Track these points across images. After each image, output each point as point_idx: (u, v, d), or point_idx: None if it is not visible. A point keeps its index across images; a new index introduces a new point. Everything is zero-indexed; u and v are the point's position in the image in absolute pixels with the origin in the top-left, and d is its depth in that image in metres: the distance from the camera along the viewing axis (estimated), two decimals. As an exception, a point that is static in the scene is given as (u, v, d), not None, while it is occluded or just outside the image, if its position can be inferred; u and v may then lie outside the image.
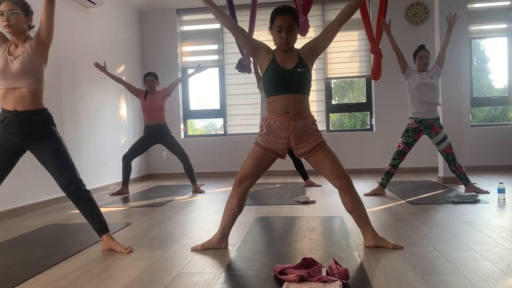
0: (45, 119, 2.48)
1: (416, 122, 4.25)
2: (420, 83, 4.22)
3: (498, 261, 2.09)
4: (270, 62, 2.42)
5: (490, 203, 3.62)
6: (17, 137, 2.43)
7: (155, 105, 5.00)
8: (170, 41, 6.93)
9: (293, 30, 2.38)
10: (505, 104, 6.47)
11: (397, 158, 4.29)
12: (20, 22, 2.42)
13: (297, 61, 2.40)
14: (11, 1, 2.40)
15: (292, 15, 2.38)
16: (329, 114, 6.79)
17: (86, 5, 5.16)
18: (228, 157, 6.77)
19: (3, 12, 2.38)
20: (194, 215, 3.59)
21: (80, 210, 2.54)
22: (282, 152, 2.47)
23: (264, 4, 6.49)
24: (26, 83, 2.40)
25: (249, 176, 2.45)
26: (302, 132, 2.39)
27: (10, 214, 3.81)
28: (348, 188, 2.40)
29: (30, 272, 2.18)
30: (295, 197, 4.20)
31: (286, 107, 2.38)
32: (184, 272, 2.11)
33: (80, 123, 5.05)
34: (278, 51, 2.44)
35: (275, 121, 2.41)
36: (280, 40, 2.38)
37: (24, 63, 2.39)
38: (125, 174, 5.05)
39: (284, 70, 2.38)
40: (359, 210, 2.43)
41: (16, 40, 2.45)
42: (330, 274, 1.88)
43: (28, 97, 2.40)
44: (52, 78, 4.45)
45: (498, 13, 6.32)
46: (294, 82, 2.39)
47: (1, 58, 2.41)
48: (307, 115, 2.43)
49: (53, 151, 2.47)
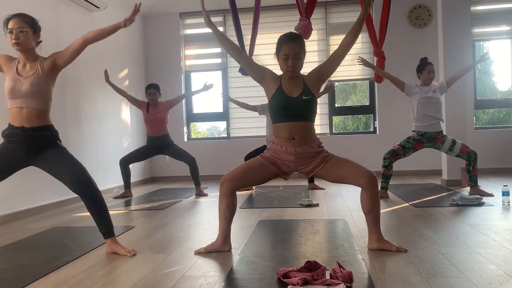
0: (51, 135, 2.51)
1: (418, 135, 4.25)
2: (423, 97, 4.20)
3: (503, 264, 2.08)
4: (277, 89, 2.47)
5: (495, 206, 3.61)
6: (21, 152, 2.45)
7: (157, 118, 4.98)
8: (173, 44, 6.95)
9: (300, 57, 2.42)
10: (509, 106, 6.45)
11: (388, 158, 4.27)
12: (28, 39, 2.43)
13: (302, 89, 2.44)
14: (19, 18, 2.41)
15: (298, 43, 2.42)
16: (332, 117, 6.78)
17: (89, 9, 5.19)
18: (231, 160, 6.76)
19: (12, 30, 2.39)
20: (198, 218, 3.59)
21: (90, 210, 2.52)
22: (285, 170, 2.49)
23: (268, 8, 6.51)
24: (34, 104, 2.42)
25: (234, 178, 2.44)
26: (307, 156, 2.43)
27: (13, 217, 3.82)
28: (373, 186, 2.37)
29: (33, 275, 2.18)
30: (298, 200, 4.20)
31: (292, 133, 2.42)
32: (188, 275, 2.11)
33: (83, 126, 5.06)
34: (285, 78, 2.49)
35: (281, 146, 2.44)
36: (287, 67, 2.42)
37: (34, 85, 2.41)
38: (125, 178, 5.06)
39: (290, 98, 2.42)
40: (377, 212, 2.41)
41: (24, 58, 2.46)
42: (334, 277, 1.87)
43: (35, 116, 2.43)
44: (56, 82, 4.44)
45: (502, 15, 6.30)
46: (300, 110, 2.43)
47: (10, 78, 2.42)
48: (313, 140, 2.46)
49: (59, 155, 2.49)
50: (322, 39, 6.67)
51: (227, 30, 6.88)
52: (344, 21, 6.69)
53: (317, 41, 6.65)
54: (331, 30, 6.69)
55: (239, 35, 4.89)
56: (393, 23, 4.31)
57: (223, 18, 6.94)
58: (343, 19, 6.70)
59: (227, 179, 2.44)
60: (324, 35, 6.66)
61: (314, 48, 6.64)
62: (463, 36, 5.10)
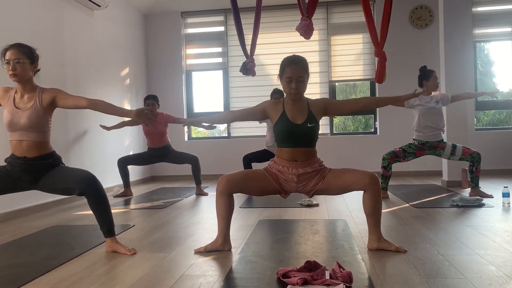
0: (53, 161, 2.53)
1: (419, 144, 4.26)
2: (424, 108, 4.19)
3: (503, 266, 2.08)
4: (280, 115, 2.48)
5: (495, 207, 3.60)
6: (25, 177, 2.47)
7: (157, 131, 4.99)
8: (175, 43, 6.95)
9: (303, 80, 2.42)
10: (510, 108, 6.44)
11: (387, 159, 4.28)
12: (26, 70, 2.41)
13: (307, 116, 2.45)
14: (17, 49, 2.39)
15: (301, 66, 2.42)
16: (332, 117, 6.78)
17: (91, 7, 5.20)
18: (231, 159, 6.76)
19: (9, 61, 2.37)
20: (198, 217, 3.60)
21: (93, 208, 2.52)
22: (287, 189, 2.51)
23: (269, 7, 6.51)
24: (33, 137, 2.43)
25: (233, 180, 2.43)
26: (309, 176, 2.45)
27: (14, 216, 3.83)
28: (376, 187, 2.37)
29: (33, 273, 2.18)
30: (298, 200, 4.19)
31: (294, 157, 2.45)
32: (187, 274, 2.11)
33: (84, 125, 5.06)
34: (288, 101, 2.50)
35: (283, 167, 2.46)
36: (290, 90, 2.42)
37: (31, 118, 2.41)
38: (124, 177, 5.06)
39: (294, 124, 2.44)
40: (378, 214, 2.42)
41: (21, 88, 2.45)
42: (334, 277, 1.87)
43: (35, 148, 2.45)
44: (57, 80, 4.47)
45: (503, 16, 6.30)
46: (304, 137, 2.45)
47: (8, 111, 2.43)
48: (315, 161, 2.48)
49: (60, 170, 2.52)
50: (323, 39, 6.67)
51: (228, 29, 6.88)
52: (346, 21, 6.69)
53: (318, 41, 6.65)
54: (332, 30, 6.69)
55: (240, 34, 4.88)
56: (395, 24, 4.30)
57: (224, 18, 6.94)
58: (344, 19, 6.70)
59: (225, 179, 2.44)
60: (325, 35, 6.66)
61: (315, 48, 6.63)
62: (464, 37, 5.10)
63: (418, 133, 4.26)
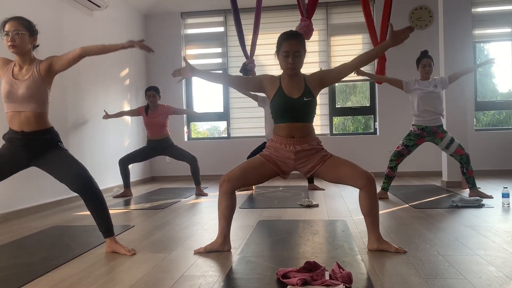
0: (51, 137, 2.51)
1: (419, 129, 4.23)
2: (423, 92, 4.18)
3: (503, 266, 2.08)
4: (277, 90, 2.46)
5: (495, 208, 3.61)
6: (23, 153, 2.46)
7: (157, 122, 5.02)
8: (174, 44, 6.96)
9: (300, 55, 2.41)
10: (509, 108, 6.44)
11: (394, 160, 4.28)
12: (25, 42, 2.42)
13: (303, 90, 2.43)
14: (16, 21, 2.41)
15: (298, 41, 2.41)
16: (332, 118, 6.78)
17: (91, 8, 5.20)
18: (231, 160, 6.74)
19: (8, 32, 2.39)
20: (197, 218, 3.59)
21: (90, 209, 2.52)
22: (284, 169, 2.49)
23: (269, 8, 6.52)
24: (31, 107, 2.42)
25: (233, 177, 2.44)
26: (306, 153, 2.43)
27: (13, 216, 3.83)
28: (372, 188, 2.37)
29: (33, 273, 2.18)
30: (298, 201, 4.20)
31: (291, 133, 2.43)
32: (187, 274, 2.11)
33: (84, 125, 5.06)
34: (285, 77, 2.48)
35: (281, 144, 2.44)
36: (287, 65, 2.40)
37: (30, 88, 2.41)
38: (124, 177, 5.06)
39: (291, 99, 2.42)
40: (375, 214, 2.42)
41: (20, 61, 2.46)
42: (333, 278, 1.87)
43: (34, 120, 2.43)
44: (57, 81, 4.44)
45: (503, 17, 6.31)
46: (300, 112, 2.43)
47: (6, 81, 2.43)
48: (312, 139, 2.47)
49: (59, 156, 2.50)
50: (323, 40, 6.67)
51: (228, 30, 6.88)
52: (345, 22, 6.69)
53: (318, 41, 6.65)
54: (332, 31, 6.69)
55: (240, 35, 4.90)
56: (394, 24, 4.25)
57: (224, 18, 6.95)
58: (344, 19, 6.70)
59: (226, 179, 2.44)
60: (325, 35, 6.66)
61: (315, 48, 6.63)
62: (464, 38, 5.10)
63: (417, 118, 4.25)
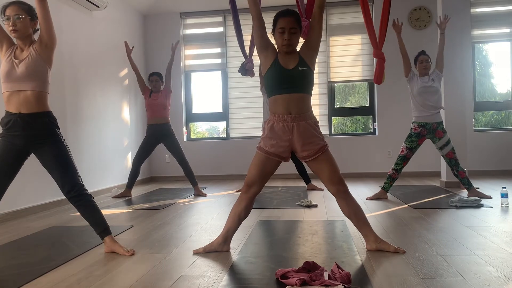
0: (49, 121, 2.49)
1: (419, 127, 4.25)
2: (422, 86, 4.25)
3: (502, 266, 2.08)
4: (273, 62, 2.43)
5: (493, 208, 3.61)
6: (21, 140, 2.43)
7: (159, 103, 5.03)
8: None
9: (295, 32, 2.39)
10: (508, 108, 6.46)
11: (400, 163, 4.29)
12: (26, 26, 2.44)
13: (298, 61, 2.41)
14: (16, 5, 2.42)
15: (294, 18, 2.39)
16: (331, 118, 6.78)
17: (90, 8, 5.19)
18: (230, 160, 6.78)
19: (9, 17, 2.40)
20: (196, 218, 3.59)
21: (82, 213, 2.56)
22: (286, 154, 2.46)
23: (267, 8, 6.51)
24: (31, 86, 2.41)
25: (256, 180, 2.45)
26: (305, 134, 2.39)
27: (12, 216, 3.82)
28: (344, 194, 2.41)
29: (32, 274, 2.18)
30: (297, 201, 4.20)
31: (288, 107, 2.38)
32: (186, 275, 2.11)
33: (83, 125, 5.06)
34: (281, 53, 2.46)
35: (278, 122, 2.40)
36: (283, 41, 2.38)
37: (29, 66, 2.40)
38: (132, 177, 5.05)
39: (286, 69, 2.40)
40: (357, 215, 2.43)
41: (22, 44, 2.47)
42: (332, 278, 1.87)
43: (33, 100, 2.42)
44: (56, 80, 4.46)
45: (501, 17, 6.32)
46: (296, 81, 2.39)
47: (7, 61, 2.43)
48: (310, 116, 2.43)
49: (56, 155, 2.48)
50: (322, 40, 6.58)
51: (227, 30, 6.89)
52: (344, 22, 6.70)
53: (317, 42, 6.64)
54: (331, 31, 6.70)
55: (239, 35, 4.89)
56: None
57: (223, 19, 6.95)
58: (343, 20, 6.71)
59: (251, 183, 2.45)
60: (324, 36, 6.66)
61: (314, 49, 6.63)
62: (462, 38, 5.11)
63: (417, 114, 4.29)
